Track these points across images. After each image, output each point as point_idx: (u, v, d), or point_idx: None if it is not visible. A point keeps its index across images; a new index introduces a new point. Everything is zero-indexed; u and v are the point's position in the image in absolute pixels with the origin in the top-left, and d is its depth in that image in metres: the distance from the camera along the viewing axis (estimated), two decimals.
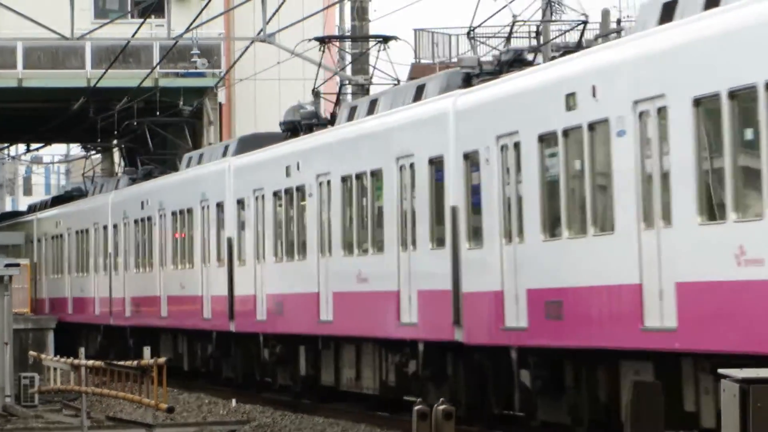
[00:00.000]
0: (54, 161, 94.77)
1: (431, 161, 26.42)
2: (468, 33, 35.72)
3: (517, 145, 26.36)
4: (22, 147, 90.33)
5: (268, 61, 55.72)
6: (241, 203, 37.19)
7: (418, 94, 28.73)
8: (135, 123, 58.44)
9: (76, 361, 40.77)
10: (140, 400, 37.31)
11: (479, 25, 35.15)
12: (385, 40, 33.65)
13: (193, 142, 58.52)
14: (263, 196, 35.54)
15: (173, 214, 42.31)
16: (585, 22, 37.90)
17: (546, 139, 25.47)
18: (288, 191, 34.13)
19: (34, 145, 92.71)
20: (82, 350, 44.38)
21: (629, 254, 22.84)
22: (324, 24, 57.43)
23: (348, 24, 55.19)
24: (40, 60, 60.53)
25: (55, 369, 43.53)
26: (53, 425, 39.00)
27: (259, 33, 50.38)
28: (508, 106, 26.33)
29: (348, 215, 31.38)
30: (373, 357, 30.29)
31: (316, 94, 37.53)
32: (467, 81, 27.43)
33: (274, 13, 48.36)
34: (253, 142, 39.18)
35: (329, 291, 31.72)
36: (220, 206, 38.79)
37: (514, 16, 38.59)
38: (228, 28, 61.01)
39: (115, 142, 68.86)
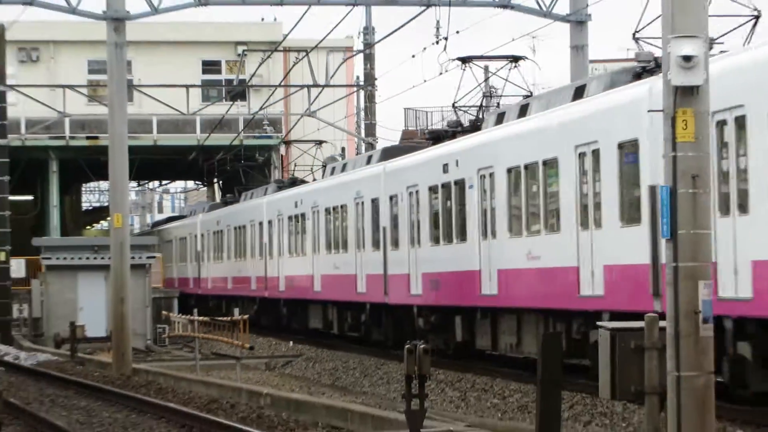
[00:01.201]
0: (176, 192, 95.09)
1: (620, 145, 21.90)
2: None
3: (723, 123, 21.57)
4: (156, 183, 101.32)
5: (311, 128, 57.08)
6: (393, 199, 33.30)
7: (578, 94, 24.74)
8: (229, 167, 62.48)
9: (191, 317, 42.77)
10: (232, 341, 38.36)
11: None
12: (516, 59, 30.03)
13: (263, 178, 62.28)
14: (417, 191, 31.52)
15: (326, 210, 38.61)
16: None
17: None
18: (445, 185, 29.84)
19: (164, 182, 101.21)
20: (195, 311, 44.60)
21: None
22: (347, 105, 59.50)
23: (362, 103, 56.10)
24: (167, 127, 62.67)
25: (178, 322, 45.58)
26: (177, 357, 41.28)
27: (305, 111, 54.87)
28: None
29: (514, 202, 26.84)
30: (537, 326, 25.77)
31: (454, 107, 32.67)
32: (638, 76, 23.10)
33: (314, 99, 52.18)
34: (392, 152, 35.82)
35: (492, 268, 27.41)
36: (374, 202, 34.95)
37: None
38: (286, 107, 63.07)
39: (215, 179, 72.20)
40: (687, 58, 14.13)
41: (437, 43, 34.02)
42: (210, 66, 68.06)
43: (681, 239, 14.28)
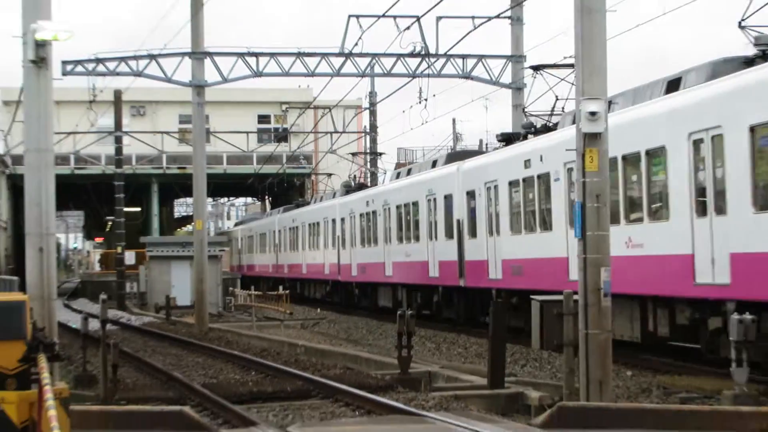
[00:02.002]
0: (239, 205, 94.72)
1: (752, 129, 15.64)
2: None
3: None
4: (225, 199, 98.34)
5: (332, 160, 55.96)
6: (470, 194, 27.47)
7: (672, 87, 18.81)
8: (275, 188, 62.15)
9: (250, 292, 43.78)
10: (278, 308, 39.14)
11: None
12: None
13: (301, 196, 61.33)
14: (496, 186, 25.66)
15: (397, 207, 33.45)
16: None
17: None
18: (527, 179, 23.95)
19: (230, 198, 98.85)
20: (252, 287, 46.39)
21: None
22: (357, 145, 57.66)
23: (368, 144, 54.49)
24: (233, 161, 62.45)
25: (239, 295, 46.56)
26: (239, 320, 39.83)
27: (329, 149, 53.72)
28: None
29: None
30: (631, 312, 19.43)
31: (524, 112, 27.62)
32: (749, 63, 17.47)
33: (335, 142, 52.33)
34: (454, 156, 30.92)
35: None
36: (447, 198, 29.18)
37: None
38: (315, 147, 62.19)
39: (266, 196, 70.20)
40: (592, 113, 14.03)
41: (419, 103, 34.28)
42: (263, 118, 67.90)
43: (588, 239, 14.13)
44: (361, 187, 43.45)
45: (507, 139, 27.91)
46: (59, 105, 51.70)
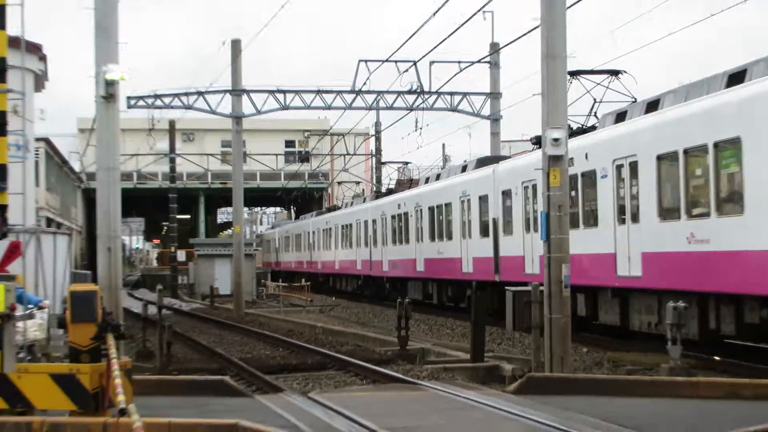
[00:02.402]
0: (270, 213, 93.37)
1: None
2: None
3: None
4: (258, 208, 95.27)
5: (345, 177, 54.47)
6: (505, 194, 23.35)
7: (734, 80, 14.87)
8: (299, 200, 60.33)
9: (278, 284, 43.83)
10: (300, 297, 39.70)
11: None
12: (616, 73, 20.44)
13: (319, 207, 59.92)
14: (535, 186, 20.93)
15: (430, 208, 29.72)
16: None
17: None
18: (570, 178, 16.84)
19: (262, 207, 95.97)
20: (280, 280, 45.81)
21: None
22: (365, 164, 57.94)
23: (374, 164, 53.81)
24: (265, 177, 61.44)
25: (269, 286, 46.81)
26: (270, 306, 38.84)
27: (342, 168, 51.92)
28: None
29: (667, 188, 16.12)
30: (691, 307, 15.02)
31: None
32: None
33: (347, 162, 50.64)
34: (484, 161, 26.91)
35: (635, 251, 16.77)
36: (482, 198, 25.21)
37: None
38: (331, 166, 60.66)
39: (291, 206, 68.46)
40: (556, 140, 14.02)
41: (416, 131, 34.45)
42: (289, 143, 67.44)
43: (552, 241, 14.08)
44: (390, 192, 40.75)
45: (539, 141, 22.75)
46: (124, 132, 48.85)
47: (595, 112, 21.23)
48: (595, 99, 21.22)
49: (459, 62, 31.30)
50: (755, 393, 11.20)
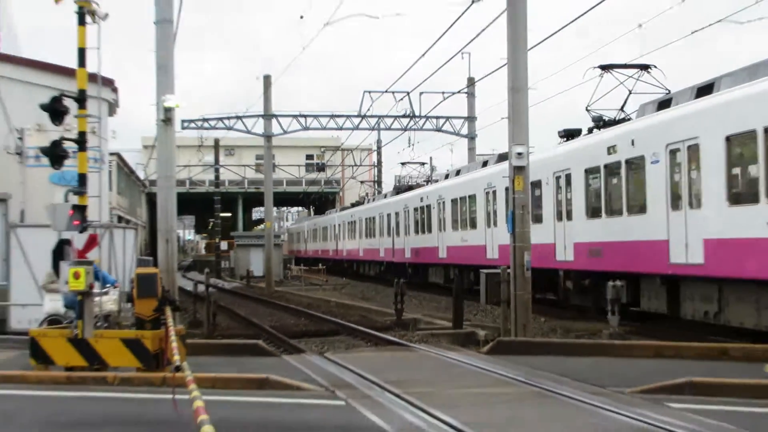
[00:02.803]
0: (294, 211, 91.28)
1: None
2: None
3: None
4: (284, 207, 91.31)
5: (353, 184, 54.49)
6: (534, 184, 17.70)
7: None
8: (316, 201, 60.76)
9: (300, 267, 43.58)
10: (318, 278, 38.85)
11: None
12: (646, 67, 16.58)
13: (332, 207, 58.60)
14: (568, 175, 17.38)
15: (453, 201, 25.66)
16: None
17: None
18: (608, 165, 15.58)
19: (288, 207, 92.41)
20: (301, 263, 44.22)
21: None
22: (369, 173, 55.30)
23: (376, 173, 52.87)
24: (290, 184, 60.37)
25: (294, 269, 44.97)
26: (294, 285, 37.88)
27: (350, 177, 52.41)
28: None
29: (735, 171, 12.10)
30: (757, 297, 11.65)
31: (587, 109, 17.45)
32: None
33: (355, 171, 51.54)
34: (504, 156, 19.23)
35: (693, 238, 12.58)
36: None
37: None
38: (342, 175, 59.69)
39: (310, 206, 66.33)
40: (519, 154, 13.92)
41: (409, 146, 35.77)
42: (308, 156, 65.76)
43: (517, 234, 13.95)
44: (410, 188, 36.36)
45: (569, 134, 19.10)
46: (179, 148, 48.58)
47: (621, 107, 17.48)
48: (630, 90, 17.14)
49: (443, 93, 31.22)
50: (676, 353, 11.15)
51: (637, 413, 7.51)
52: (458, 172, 28.29)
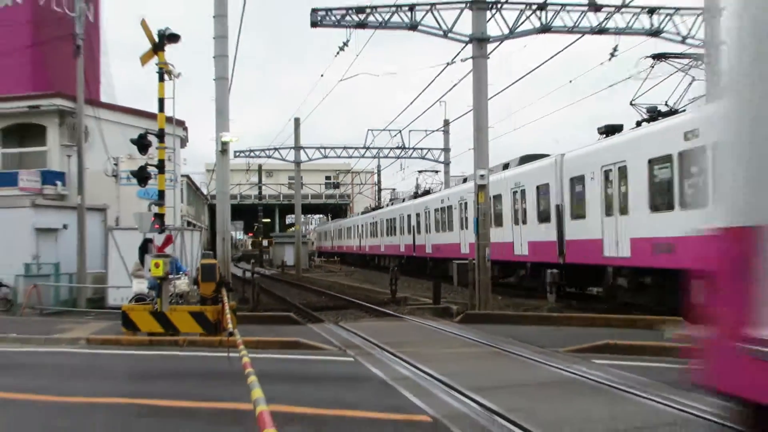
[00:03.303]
0: (316, 218, 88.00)
1: None
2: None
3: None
4: (310, 215, 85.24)
5: (359, 198, 54.18)
6: (576, 180, 13.60)
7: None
8: (333, 211, 59.13)
9: (321, 259, 40.52)
10: (334, 267, 38.10)
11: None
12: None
13: (345, 215, 56.66)
14: (621, 168, 12.01)
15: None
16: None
17: None
18: (684, 153, 10.04)
19: (312, 215, 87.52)
20: (323, 257, 42.82)
21: None
22: (371, 190, 53.42)
23: (375, 179, 51.73)
24: (314, 198, 58.50)
25: (317, 260, 45.74)
26: (316, 272, 36.27)
27: (358, 193, 51.30)
28: None
29: None
30: None
31: (631, 103, 11.90)
32: None
33: (361, 189, 50.07)
34: (526, 159, 17.39)
35: None
36: (540, 187, 15.42)
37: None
38: (352, 191, 58.64)
39: (328, 214, 63.39)
40: (482, 176, 13.82)
41: (401, 170, 35.91)
42: (327, 177, 63.88)
43: (480, 234, 13.84)
44: (426, 192, 31.92)
45: (609, 130, 13.39)
46: (232, 171, 48.55)
47: (666, 101, 12.36)
48: (693, 77, 11.85)
49: (426, 130, 32.31)
50: (606, 323, 11.09)
51: (568, 367, 7.57)
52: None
